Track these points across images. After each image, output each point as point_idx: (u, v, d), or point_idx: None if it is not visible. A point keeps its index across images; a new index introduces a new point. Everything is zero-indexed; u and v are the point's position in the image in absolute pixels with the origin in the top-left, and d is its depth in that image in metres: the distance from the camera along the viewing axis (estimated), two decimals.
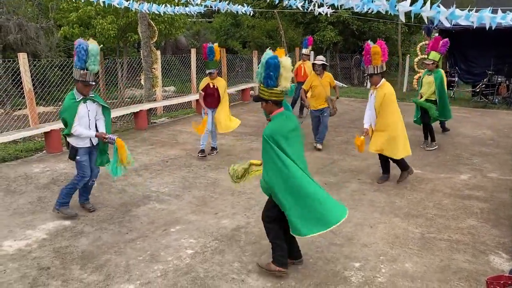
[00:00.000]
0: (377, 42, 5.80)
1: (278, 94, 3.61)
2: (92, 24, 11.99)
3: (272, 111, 3.69)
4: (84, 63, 4.69)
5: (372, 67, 5.80)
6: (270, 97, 3.61)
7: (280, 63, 3.51)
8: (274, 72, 3.50)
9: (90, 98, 4.95)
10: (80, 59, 4.67)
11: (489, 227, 4.91)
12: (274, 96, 3.61)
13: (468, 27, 12.60)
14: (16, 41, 14.13)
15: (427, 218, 5.14)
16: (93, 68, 4.75)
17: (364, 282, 3.82)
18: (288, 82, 3.60)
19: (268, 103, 3.66)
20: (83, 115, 4.90)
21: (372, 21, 18.63)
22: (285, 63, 3.53)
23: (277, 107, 3.68)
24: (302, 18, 19.54)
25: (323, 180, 6.38)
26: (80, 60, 4.67)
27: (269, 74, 3.50)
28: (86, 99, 4.92)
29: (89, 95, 4.93)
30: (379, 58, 5.69)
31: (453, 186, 6.16)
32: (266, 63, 3.50)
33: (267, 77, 3.53)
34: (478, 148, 8.16)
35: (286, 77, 3.56)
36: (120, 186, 6.09)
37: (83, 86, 4.80)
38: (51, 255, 4.24)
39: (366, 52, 5.77)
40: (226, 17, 22.87)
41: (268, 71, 3.51)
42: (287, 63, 3.55)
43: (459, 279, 3.87)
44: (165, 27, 12.76)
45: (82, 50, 4.64)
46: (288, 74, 3.57)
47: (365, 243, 4.52)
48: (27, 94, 8.42)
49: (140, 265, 4.06)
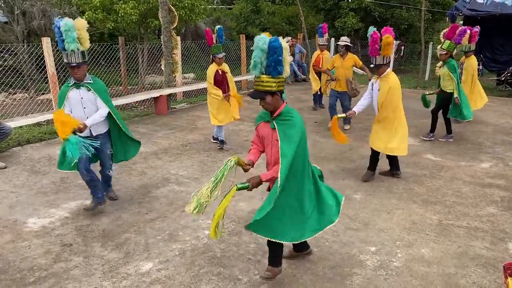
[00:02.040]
0: (385, 30, 5.13)
1: (284, 82, 3.14)
2: (114, 9, 12.09)
3: (279, 105, 3.14)
4: (62, 43, 4.23)
5: (381, 58, 5.23)
6: (278, 87, 3.08)
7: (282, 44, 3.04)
8: (282, 56, 3.01)
9: (84, 84, 4.47)
10: (59, 39, 4.24)
11: (509, 215, 4.84)
12: (282, 86, 3.12)
13: (494, 12, 12.33)
14: (40, 26, 14.36)
15: (446, 205, 5.09)
16: (69, 47, 4.21)
17: (379, 266, 3.84)
18: (288, 66, 3.13)
19: (274, 96, 3.09)
20: (75, 102, 4.46)
21: (395, 7, 18.26)
22: (285, 45, 3.09)
23: (281, 100, 3.18)
24: (323, 4, 19.29)
25: (341, 166, 6.38)
26: (59, 40, 4.25)
27: (277, 59, 2.98)
28: (80, 85, 4.46)
29: (83, 81, 4.46)
30: (390, 48, 5.15)
31: (474, 174, 6.07)
32: (271, 47, 2.96)
33: (275, 64, 2.99)
34: (501, 137, 7.99)
35: (288, 61, 3.12)
36: (140, 168, 6.21)
37: (69, 68, 4.39)
38: (73, 232, 4.38)
39: (373, 41, 5.12)
40: (246, 3, 22.76)
41: (275, 56, 2.97)
42: (286, 45, 3.11)
43: (476, 265, 3.85)
44: (185, 13, 12.76)
45: (56, 29, 4.23)
46: (288, 57, 3.12)
47: (382, 228, 4.51)
48: (50, 78, 8.60)
49: (159, 244, 4.15)
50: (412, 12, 18.77)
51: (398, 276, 3.69)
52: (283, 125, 3.12)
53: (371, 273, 3.73)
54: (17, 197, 5.19)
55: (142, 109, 10.57)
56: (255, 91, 3.12)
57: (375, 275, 3.70)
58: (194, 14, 13.22)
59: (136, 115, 9.73)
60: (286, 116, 3.13)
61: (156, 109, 9.85)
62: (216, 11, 24.15)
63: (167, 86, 10.22)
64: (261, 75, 3.03)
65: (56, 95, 8.66)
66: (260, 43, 2.97)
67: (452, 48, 7.14)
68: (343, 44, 7.72)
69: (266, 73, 3.02)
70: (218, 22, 23.05)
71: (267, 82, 3.04)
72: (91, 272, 3.71)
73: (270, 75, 3.02)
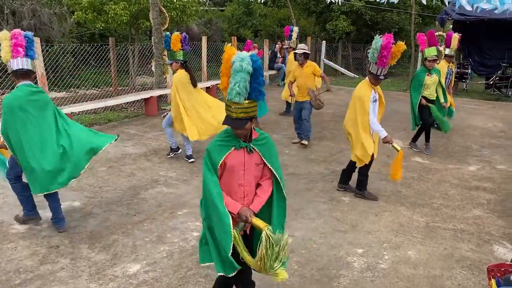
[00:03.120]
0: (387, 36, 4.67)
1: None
2: (104, 9, 12.05)
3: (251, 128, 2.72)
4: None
5: (387, 68, 4.83)
6: (255, 111, 2.66)
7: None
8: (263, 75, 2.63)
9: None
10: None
11: (495, 217, 4.90)
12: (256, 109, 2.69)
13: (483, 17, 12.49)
14: (30, 26, 14.22)
15: (433, 207, 5.14)
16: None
17: (366, 267, 3.86)
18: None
19: (253, 120, 2.66)
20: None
21: (386, 11, 18.41)
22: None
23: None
24: (314, 7, 19.38)
25: (330, 168, 6.41)
26: None
27: (262, 80, 2.61)
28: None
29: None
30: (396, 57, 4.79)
31: (461, 177, 6.14)
32: (257, 67, 2.56)
33: (260, 86, 2.59)
34: (488, 140, 8.09)
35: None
36: (129, 170, 6.18)
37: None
38: (60, 234, 4.35)
39: (387, 50, 4.62)
40: (238, 5, 22.82)
41: (260, 77, 2.58)
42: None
43: (462, 267, 3.89)
44: (177, 14, 12.78)
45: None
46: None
47: (369, 230, 4.55)
48: (40, 79, 8.53)
49: (147, 246, 4.14)
50: (403, 15, 18.93)
51: (385, 277, 3.72)
52: (264, 146, 2.78)
53: (358, 275, 3.76)
54: (3, 199, 5.15)
55: (132, 110, 10.54)
56: (238, 120, 2.58)
57: (362, 277, 3.73)
58: (185, 15, 13.23)
59: (126, 116, 9.70)
60: (262, 135, 2.82)
61: (146, 110, 9.83)
62: (208, 12, 24.14)
63: (158, 87, 10.19)
64: (243, 101, 2.56)
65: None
66: (244, 64, 2.49)
67: (439, 53, 7.06)
68: (301, 52, 7.22)
69: (249, 98, 2.59)
70: (210, 23, 23.07)
71: (252, 107, 2.61)
72: (77, 274, 3.69)
73: (253, 99, 2.60)
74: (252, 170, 2.76)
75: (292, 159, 6.80)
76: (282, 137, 8.00)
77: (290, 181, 5.88)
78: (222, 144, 2.71)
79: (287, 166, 6.45)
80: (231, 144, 2.70)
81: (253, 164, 2.76)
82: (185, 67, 6.25)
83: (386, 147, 6.25)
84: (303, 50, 7.22)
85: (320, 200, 5.27)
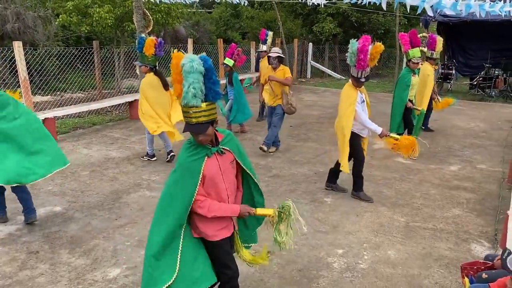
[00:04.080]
0: (363, 38, 4.69)
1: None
2: (89, 12, 11.99)
3: (213, 133, 2.65)
4: None
5: (368, 70, 4.85)
6: (214, 115, 2.58)
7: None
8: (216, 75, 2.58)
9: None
10: None
11: (473, 216, 4.98)
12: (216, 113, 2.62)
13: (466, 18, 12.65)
14: (14, 30, 14.10)
15: (413, 207, 5.21)
16: None
17: (346, 268, 3.90)
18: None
19: (213, 124, 2.60)
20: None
21: (371, 13, 18.57)
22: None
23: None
24: (301, 10, 19.47)
25: (314, 169, 6.45)
26: None
27: (216, 80, 2.52)
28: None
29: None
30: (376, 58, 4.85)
31: (442, 177, 6.22)
32: (209, 68, 2.48)
33: (215, 86, 2.52)
34: (470, 140, 8.20)
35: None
36: (112, 174, 6.16)
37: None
38: (40, 239, 4.32)
39: (364, 52, 4.62)
40: (226, 7, 22.82)
41: (213, 77, 2.50)
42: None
43: (440, 266, 3.95)
44: (162, 16, 12.74)
45: None
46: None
47: (350, 231, 4.59)
48: (22, 83, 8.48)
49: (128, 250, 4.14)
50: (389, 17, 19.10)
51: (364, 277, 3.76)
52: (231, 143, 2.79)
53: (337, 275, 3.79)
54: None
55: (117, 113, 10.48)
56: (199, 124, 2.51)
57: (341, 277, 3.76)
58: (171, 17, 13.20)
59: (111, 120, 9.66)
60: (225, 133, 2.80)
61: (131, 114, 9.79)
62: (196, 14, 24.12)
63: None
64: (201, 103, 2.49)
65: (29, 100, 8.54)
66: (195, 64, 2.41)
67: (422, 54, 6.99)
68: (275, 56, 6.99)
69: (206, 100, 2.51)
70: (198, 25, 23.06)
71: (211, 109, 2.54)
72: (57, 279, 3.68)
73: (210, 101, 2.52)
74: (229, 170, 2.79)
75: (276, 161, 6.83)
76: None
77: (273, 183, 5.91)
78: (193, 159, 2.62)
79: (271, 168, 6.48)
80: (202, 155, 2.63)
81: (228, 164, 2.78)
82: (154, 71, 6.36)
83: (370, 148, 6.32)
84: (277, 54, 7.04)
85: (303, 202, 5.30)
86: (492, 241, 4.40)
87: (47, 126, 7.59)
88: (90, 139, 7.97)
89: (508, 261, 1.84)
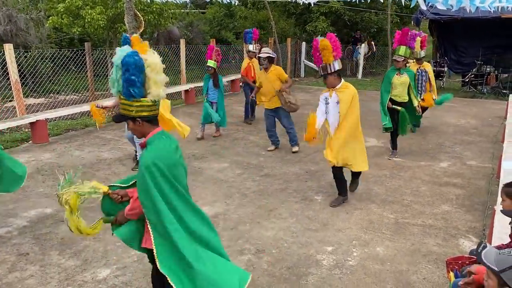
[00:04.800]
0: (327, 35, 4.75)
1: (149, 107, 2.55)
2: (80, 14, 11.98)
3: (146, 132, 2.60)
4: None
5: (325, 66, 4.73)
6: (138, 113, 2.53)
7: (143, 61, 2.47)
8: (137, 75, 2.45)
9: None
10: None
11: (462, 212, 5.02)
12: (145, 111, 2.54)
13: (456, 16, 12.72)
14: (6, 32, 14.07)
15: (403, 204, 5.25)
16: None
17: (335, 265, 3.93)
18: (160, 88, 2.56)
19: (136, 122, 2.56)
20: None
21: (364, 11, 18.64)
22: (152, 61, 2.51)
23: (152, 126, 2.61)
24: (294, 9, 19.51)
25: (305, 168, 6.48)
26: None
27: (129, 79, 2.44)
28: None
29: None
30: (329, 54, 4.65)
31: (432, 174, 6.26)
32: (123, 63, 2.43)
33: (127, 85, 2.46)
34: (461, 137, 8.26)
35: (157, 81, 2.53)
36: (104, 175, 6.17)
37: None
38: (30, 241, 4.33)
39: (314, 49, 4.78)
40: (219, 7, 22.81)
41: (127, 75, 2.44)
42: (154, 60, 2.53)
43: (428, 261, 3.99)
44: (154, 17, 12.76)
45: None
46: (158, 76, 2.54)
47: (340, 228, 4.62)
48: (13, 85, 8.46)
49: (118, 251, 4.15)
50: (381, 15, 19.18)
51: (352, 274, 3.80)
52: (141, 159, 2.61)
53: (326, 272, 3.83)
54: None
55: (109, 114, 10.46)
56: (119, 115, 2.62)
57: (330, 274, 3.79)
58: (163, 18, 13.21)
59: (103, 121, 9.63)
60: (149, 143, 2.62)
61: None
62: (189, 15, 24.10)
63: None
64: (119, 95, 2.56)
65: (20, 103, 8.52)
66: (116, 57, 2.48)
67: (408, 53, 6.57)
68: (265, 56, 6.83)
69: (122, 94, 2.53)
70: (191, 26, 23.05)
71: (125, 105, 2.54)
72: (46, 280, 3.69)
73: (125, 96, 2.51)
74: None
75: (268, 160, 6.86)
76: (259, 139, 8.04)
77: (264, 182, 5.93)
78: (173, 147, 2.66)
79: (262, 168, 6.50)
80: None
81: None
82: None
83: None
84: (267, 54, 6.89)
85: (293, 200, 5.34)
86: (480, 236, 4.44)
87: (38, 129, 7.71)
88: (82, 141, 7.96)
89: (483, 254, 1.86)
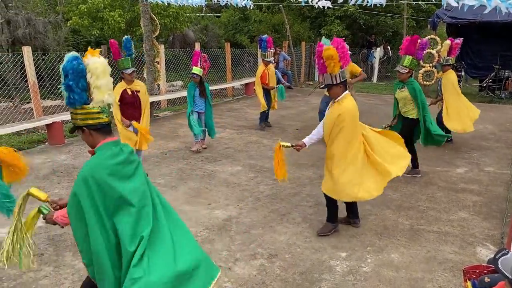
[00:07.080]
0: (333, 40, 4.02)
1: (95, 114, 2.34)
2: (100, 16, 12.14)
3: (96, 143, 2.39)
4: None
5: (328, 76, 4.05)
6: (84, 121, 2.34)
7: (84, 66, 2.29)
8: (76, 80, 2.27)
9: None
10: None
11: (480, 219, 4.92)
12: (91, 119, 2.34)
13: (474, 20, 12.50)
14: (25, 35, 14.33)
15: (419, 210, 5.16)
16: None
17: (348, 271, 3.88)
18: (105, 94, 2.33)
19: (85, 132, 2.37)
20: None
21: (380, 15, 18.51)
22: (94, 65, 2.30)
23: (102, 136, 2.39)
24: (309, 12, 19.48)
25: (318, 173, 6.43)
26: None
27: (68, 85, 2.27)
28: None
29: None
30: (335, 64, 3.93)
31: (448, 180, 6.16)
32: (63, 69, 2.28)
33: (68, 91, 2.28)
34: (478, 142, 8.12)
35: (98, 86, 2.31)
36: None
37: None
38: (45, 242, 4.37)
39: (317, 56, 4.05)
40: (234, 11, 22.91)
41: (66, 80, 2.27)
42: (97, 65, 2.31)
43: (444, 269, 3.91)
44: (170, 21, 12.87)
45: None
46: (102, 81, 2.32)
47: (354, 234, 4.57)
48: (31, 87, 8.62)
49: None
50: (397, 19, 19.02)
51: (366, 281, 3.74)
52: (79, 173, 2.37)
53: (339, 278, 3.78)
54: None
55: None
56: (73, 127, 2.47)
57: (343, 281, 3.74)
58: (178, 22, 13.32)
59: None
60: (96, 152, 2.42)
61: None
62: (204, 19, 24.25)
63: (150, 94, 10.23)
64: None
65: (38, 104, 8.66)
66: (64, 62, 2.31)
67: (414, 65, 5.84)
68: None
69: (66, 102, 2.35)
70: (206, 30, 23.18)
71: (71, 113, 2.38)
72: (60, 281, 3.71)
73: (68, 103, 2.33)
74: None
75: None
76: (273, 143, 8.01)
77: (277, 186, 5.91)
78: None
79: None
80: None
81: None
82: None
83: None
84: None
85: (307, 205, 5.30)
86: (498, 244, 4.34)
87: (54, 130, 7.82)
88: None
89: (500, 262, 1.78)
